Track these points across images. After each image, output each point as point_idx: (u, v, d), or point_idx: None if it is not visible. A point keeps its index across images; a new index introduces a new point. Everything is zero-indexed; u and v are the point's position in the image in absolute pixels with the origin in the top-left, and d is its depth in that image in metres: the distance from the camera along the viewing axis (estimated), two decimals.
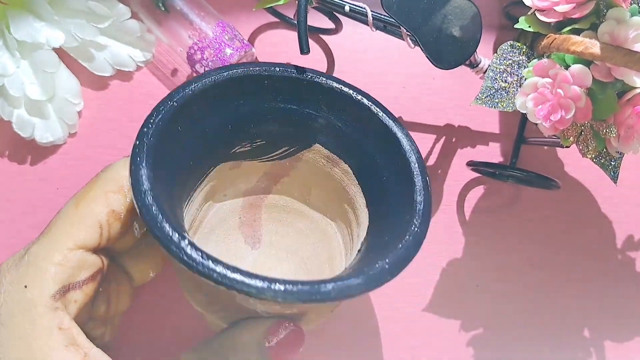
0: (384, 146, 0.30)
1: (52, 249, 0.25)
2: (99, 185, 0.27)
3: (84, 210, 0.26)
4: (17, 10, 0.33)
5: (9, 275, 0.25)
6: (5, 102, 0.34)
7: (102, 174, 0.28)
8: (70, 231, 0.26)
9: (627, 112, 0.27)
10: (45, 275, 0.24)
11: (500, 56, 0.30)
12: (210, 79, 0.28)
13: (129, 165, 0.24)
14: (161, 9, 0.35)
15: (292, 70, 0.30)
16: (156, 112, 0.26)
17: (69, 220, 0.26)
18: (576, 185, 0.39)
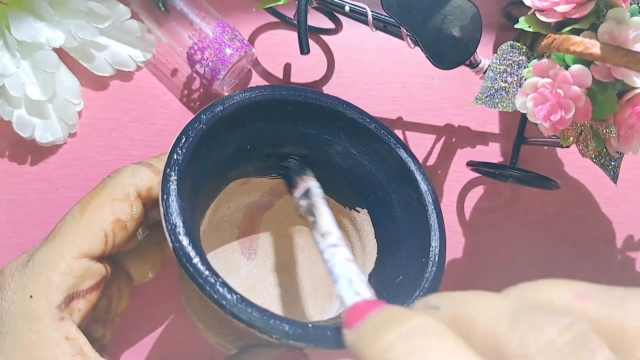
0: (399, 182, 0.30)
1: (57, 257, 0.25)
2: (106, 192, 0.27)
3: (90, 218, 0.26)
4: (18, 11, 0.33)
5: (13, 282, 0.25)
6: (6, 102, 0.34)
7: (109, 180, 0.27)
8: (75, 239, 0.25)
9: (627, 112, 0.27)
10: (50, 285, 0.24)
11: (500, 56, 0.30)
12: (239, 101, 0.27)
13: (157, 187, 0.25)
14: (161, 9, 0.35)
15: (317, 96, 0.30)
16: (185, 136, 0.25)
17: (74, 227, 0.26)
18: (576, 186, 0.39)
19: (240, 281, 0.33)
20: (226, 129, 0.28)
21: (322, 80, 0.38)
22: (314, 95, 0.30)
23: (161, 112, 0.37)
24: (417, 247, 0.28)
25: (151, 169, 0.27)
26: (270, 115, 0.29)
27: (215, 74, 0.34)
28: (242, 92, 0.28)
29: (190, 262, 0.22)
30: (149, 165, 0.28)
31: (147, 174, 0.27)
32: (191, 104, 0.38)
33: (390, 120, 0.38)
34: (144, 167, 0.28)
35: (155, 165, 0.28)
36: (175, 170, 0.24)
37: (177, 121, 0.37)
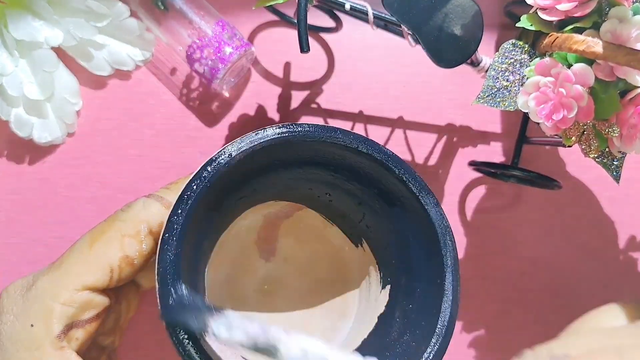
0: (422, 243, 0.29)
1: (59, 286, 0.25)
2: (116, 227, 0.27)
3: (98, 251, 0.26)
4: (16, 9, 0.33)
5: (16, 306, 0.25)
6: (4, 102, 0.34)
7: (121, 214, 0.27)
8: (80, 272, 0.26)
9: (629, 112, 0.27)
10: (51, 315, 0.25)
11: (501, 55, 0.29)
12: (247, 149, 0.25)
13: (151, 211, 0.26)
14: (160, 7, 0.34)
15: (344, 139, 0.27)
16: (186, 196, 0.24)
17: (81, 259, 0.26)
18: (578, 185, 0.39)
19: (257, 283, 0.33)
20: (234, 181, 0.27)
21: (322, 79, 0.38)
22: (342, 138, 0.27)
23: (160, 111, 0.37)
24: (430, 307, 0.28)
25: (162, 203, 0.27)
26: (287, 160, 0.28)
27: (214, 72, 0.34)
28: (251, 137, 0.25)
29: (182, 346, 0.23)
30: (159, 199, 0.28)
31: (158, 209, 0.27)
32: (190, 103, 0.37)
33: (391, 119, 0.38)
34: (154, 200, 0.27)
35: (166, 198, 0.28)
36: (174, 237, 0.23)
37: (177, 120, 0.37)
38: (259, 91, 0.38)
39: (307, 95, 0.38)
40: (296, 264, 0.34)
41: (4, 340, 0.25)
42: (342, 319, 0.33)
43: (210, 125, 0.38)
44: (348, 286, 0.33)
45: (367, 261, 0.33)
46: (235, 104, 0.38)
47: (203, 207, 0.25)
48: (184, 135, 0.37)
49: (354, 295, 0.33)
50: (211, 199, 0.26)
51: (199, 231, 0.27)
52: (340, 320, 0.33)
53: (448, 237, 0.27)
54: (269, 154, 0.26)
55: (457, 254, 0.28)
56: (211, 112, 0.38)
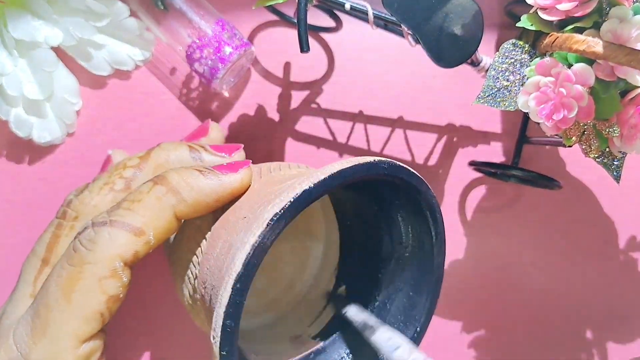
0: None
1: (58, 352, 0.23)
2: (88, 272, 0.23)
3: (78, 303, 0.23)
4: (15, 9, 0.33)
5: None
6: (3, 101, 0.34)
7: (87, 254, 0.23)
8: (72, 330, 0.23)
9: (630, 112, 0.27)
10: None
11: (502, 55, 0.29)
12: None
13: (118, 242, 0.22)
14: (160, 7, 0.34)
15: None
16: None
17: (64, 316, 0.23)
18: (578, 185, 0.39)
19: None
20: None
21: (322, 79, 0.38)
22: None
23: (160, 111, 0.37)
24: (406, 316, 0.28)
25: (130, 230, 0.23)
26: None
27: (214, 72, 0.34)
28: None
29: None
30: (125, 226, 0.23)
31: (128, 239, 0.23)
32: (190, 103, 0.37)
33: (391, 119, 0.38)
34: (121, 230, 0.23)
35: (132, 225, 0.23)
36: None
37: (176, 120, 0.37)
38: (259, 91, 0.38)
39: (307, 95, 0.38)
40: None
41: None
42: (311, 239, 0.32)
43: None
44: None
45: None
46: (235, 103, 0.38)
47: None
48: (183, 135, 0.37)
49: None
50: None
51: None
52: (309, 240, 0.32)
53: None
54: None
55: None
56: (211, 112, 0.37)
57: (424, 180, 0.25)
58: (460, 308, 0.38)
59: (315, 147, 0.38)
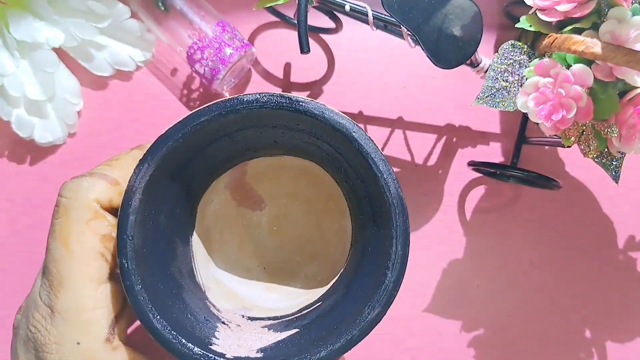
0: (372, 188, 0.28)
1: (77, 298, 0.25)
2: (75, 217, 0.26)
3: (77, 249, 0.25)
4: (17, 10, 0.33)
5: (51, 335, 0.25)
6: (5, 102, 0.34)
7: (69, 202, 0.26)
8: (81, 274, 0.25)
9: (628, 112, 0.27)
10: (90, 326, 0.25)
11: (501, 55, 0.30)
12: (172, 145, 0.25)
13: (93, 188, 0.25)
14: (161, 8, 0.35)
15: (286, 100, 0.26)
16: (126, 206, 0.24)
17: (70, 264, 0.25)
18: (577, 185, 0.39)
19: (267, 230, 0.33)
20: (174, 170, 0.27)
21: (322, 79, 0.38)
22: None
23: (161, 111, 0.37)
24: (381, 254, 0.27)
25: (107, 180, 0.26)
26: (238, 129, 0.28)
27: (215, 73, 0.34)
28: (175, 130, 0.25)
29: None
30: (103, 176, 0.27)
31: (104, 186, 0.26)
32: (191, 104, 0.37)
33: (391, 120, 0.38)
34: (99, 179, 0.26)
35: (109, 176, 0.27)
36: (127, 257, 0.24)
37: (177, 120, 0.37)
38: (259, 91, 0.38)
39: (307, 95, 0.38)
40: (286, 196, 0.33)
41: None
42: (344, 216, 0.33)
43: None
44: (329, 190, 0.33)
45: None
46: None
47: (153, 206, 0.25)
48: None
49: (336, 190, 0.33)
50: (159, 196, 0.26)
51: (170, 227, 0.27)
52: (344, 218, 0.33)
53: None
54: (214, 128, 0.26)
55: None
56: None
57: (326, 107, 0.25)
58: (460, 308, 0.38)
59: None
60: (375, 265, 0.26)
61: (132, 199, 0.24)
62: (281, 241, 0.34)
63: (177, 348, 0.24)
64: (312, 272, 0.33)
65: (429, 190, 0.39)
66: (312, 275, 0.33)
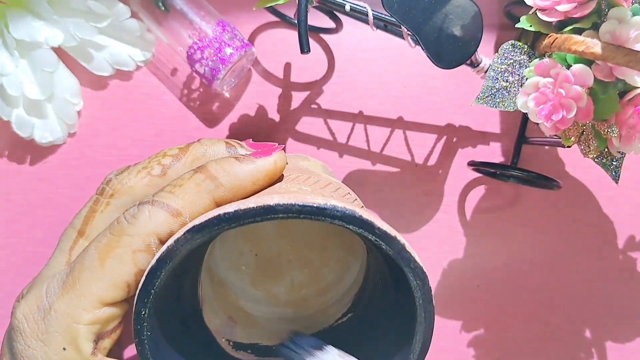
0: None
1: (80, 308, 0.25)
2: (125, 242, 0.25)
3: (111, 269, 0.25)
4: (16, 9, 0.33)
5: (40, 331, 0.25)
6: (4, 102, 0.34)
7: (127, 227, 0.26)
8: (97, 291, 0.25)
9: (628, 112, 0.27)
10: (79, 337, 0.25)
11: (501, 56, 0.29)
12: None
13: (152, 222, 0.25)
14: (161, 8, 0.35)
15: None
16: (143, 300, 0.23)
17: (94, 278, 0.25)
18: (577, 185, 0.39)
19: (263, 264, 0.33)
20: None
21: (322, 79, 0.38)
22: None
23: (161, 111, 0.37)
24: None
25: (168, 211, 0.26)
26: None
27: (215, 73, 0.34)
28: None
29: None
30: (164, 206, 0.26)
31: (165, 219, 0.25)
32: (191, 104, 0.37)
33: (391, 120, 0.38)
34: (160, 209, 0.26)
35: (172, 206, 0.26)
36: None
37: (177, 120, 0.37)
38: (260, 92, 0.38)
39: (307, 95, 0.38)
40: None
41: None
42: (353, 255, 0.33)
43: (211, 125, 0.38)
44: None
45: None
46: (235, 104, 0.38)
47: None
48: (184, 135, 0.37)
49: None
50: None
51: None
52: (351, 255, 0.33)
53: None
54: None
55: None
56: (212, 112, 0.38)
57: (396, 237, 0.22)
58: (460, 308, 0.38)
59: (316, 148, 0.38)
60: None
61: (171, 260, 0.23)
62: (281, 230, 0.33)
63: None
64: (299, 280, 0.33)
65: (429, 190, 0.39)
66: (298, 283, 0.33)
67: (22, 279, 0.36)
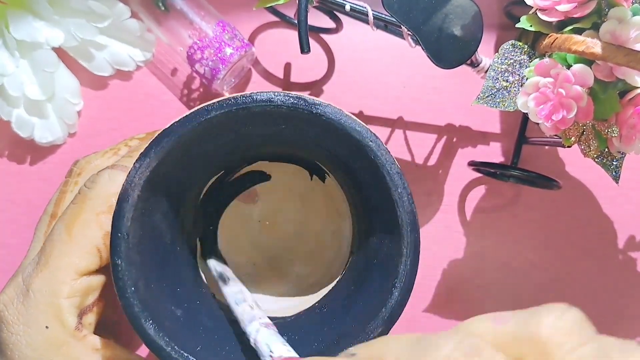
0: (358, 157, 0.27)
1: (57, 283, 0.25)
2: (88, 207, 0.26)
3: (78, 237, 0.25)
4: (17, 10, 0.33)
5: (20, 315, 0.25)
6: (5, 102, 0.34)
7: (88, 192, 0.26)
8: (70, 261, 0.25)
9: (628, 112, 0.27)
10: (61, 312, 0.25)
11: (501, 55, 0.30)
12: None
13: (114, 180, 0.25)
14: (161, 8, 0.35)
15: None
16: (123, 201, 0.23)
17: (65, 248, 0.25)
18: (577, 185, 0.39)
19: (257, 224, 0.33)
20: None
21: (322, 79, 0.38)
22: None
23: (161, 111, 0.37)
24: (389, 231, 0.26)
25: (127, 172, 0.26)
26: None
27: (215, 73, 0.34)
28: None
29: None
30: (124, 169, 0.27)
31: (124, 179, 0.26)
32: (191, 104, 0.37)
33: (391, 120, 0.38)
34: (119, 171, 0.27)
35: (130, 167, 0.27)
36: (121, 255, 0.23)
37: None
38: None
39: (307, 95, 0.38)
40: (281, 191, 0.33)
41: (22, 349, 0.25)
42: (341, 218, 0.33)
43: None
44: (327, 189, 0.33)
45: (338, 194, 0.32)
46: None
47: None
48: None
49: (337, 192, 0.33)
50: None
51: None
52: (341, 220, 0.33)
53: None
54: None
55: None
56: None
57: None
58: (460, 308, 0.38)
59: None
60: (381, 280, 0.25)
61: (130, 195, 0.23)
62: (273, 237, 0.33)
63: (170, 356, 0.23)
64: (304, 272, 0.33)
65: (429, 190, 0.39)
66: (304, 275, 0.33)
67: None
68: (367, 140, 0.24)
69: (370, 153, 0.24)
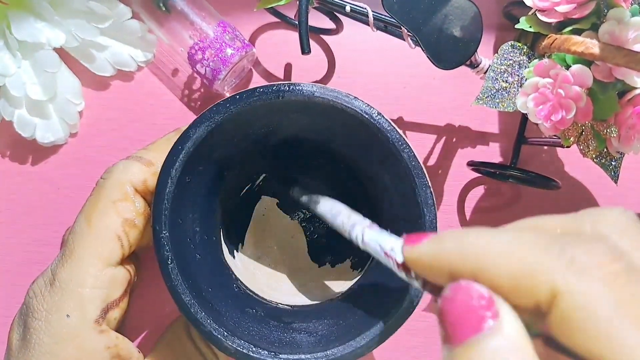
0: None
1: (82, 273, 0.26)
2: (104, 196, 0.27)
3: (98, 226, 0.26)
4: (18, 11, 0.33)
5: (45, 302, 0.25)
6: (7, 102, 0.34)
7: (103, 182, 0.27)
8: (93, 251, 0.26)
9: (627, 112, 0.27)
10: (83, 302, 0.25)
11: (501, 56, 0.30)
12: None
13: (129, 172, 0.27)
14: (162, 9, 0.35)
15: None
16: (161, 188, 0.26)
17: (87, 240, 0.26)
18: (576, 185, 0.39)
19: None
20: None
21: (322, 80, 0.39)
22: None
23: (162, 112, 0.37)
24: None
25: (141, 162, 0.28)
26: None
27: (216, 74, 0.34)
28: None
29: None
30: (138, 159, 0.28)
31: (139, 168, 0.27)
32: (192, 104, 0.38)
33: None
34: (134, 161, 0.28)
35: (144, 157, 0.28)
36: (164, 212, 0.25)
37: (178, 121, 0.37)
38: None
39: None
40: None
41: (40, 335, 0.25)
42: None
43: None
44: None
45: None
46: None
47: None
48: None
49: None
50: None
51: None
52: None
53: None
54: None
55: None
56: None
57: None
58: None
59: None
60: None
61: (173, 166, 0.25)
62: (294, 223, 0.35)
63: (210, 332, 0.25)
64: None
65: None
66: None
67: (23, 278, 0.36)
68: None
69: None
